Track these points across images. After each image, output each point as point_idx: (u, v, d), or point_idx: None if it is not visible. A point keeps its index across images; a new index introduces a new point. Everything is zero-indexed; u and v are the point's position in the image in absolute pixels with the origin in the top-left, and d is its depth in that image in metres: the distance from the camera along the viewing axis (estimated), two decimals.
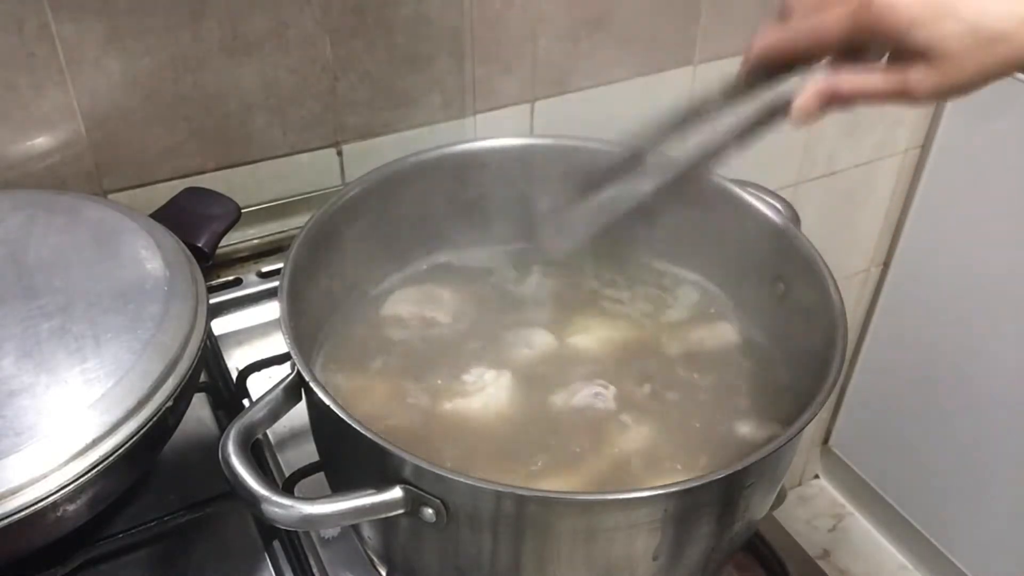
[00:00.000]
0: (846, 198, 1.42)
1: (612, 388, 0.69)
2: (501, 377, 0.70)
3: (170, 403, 0.59)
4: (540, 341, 0.74)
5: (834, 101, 0.54)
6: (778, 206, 0.72)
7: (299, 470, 0.69)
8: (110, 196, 0.84)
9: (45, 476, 0.53)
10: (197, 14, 0.79)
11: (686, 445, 0.66)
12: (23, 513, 0.52)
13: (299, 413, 0.60)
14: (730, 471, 0.51)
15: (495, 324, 0.75)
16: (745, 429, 0.67)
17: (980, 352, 1.44)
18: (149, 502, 0.68)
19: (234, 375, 0.78)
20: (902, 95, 0.52)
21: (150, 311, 0.62)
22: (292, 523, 0.51)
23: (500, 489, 0.51)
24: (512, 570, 0.54)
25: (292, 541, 0.65)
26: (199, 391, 0.75)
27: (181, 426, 0.63)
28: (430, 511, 0.52)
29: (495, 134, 0.80)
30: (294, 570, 0.64)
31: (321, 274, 0.70)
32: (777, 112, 0.57)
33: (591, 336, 0.75)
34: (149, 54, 0.79)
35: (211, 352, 0.80)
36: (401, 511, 0.52)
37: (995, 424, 1.44)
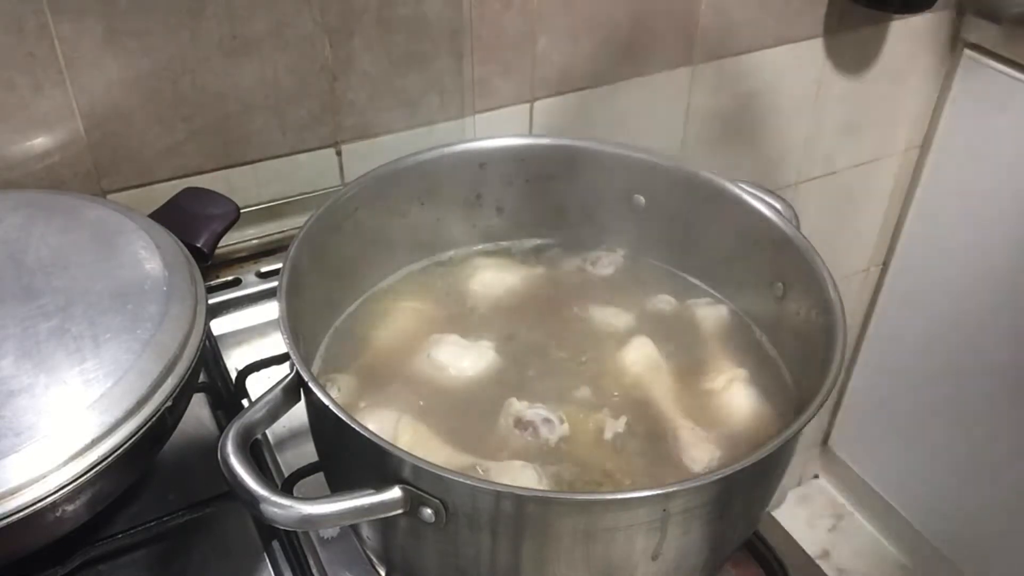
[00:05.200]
0: (846, 198, 1.42)
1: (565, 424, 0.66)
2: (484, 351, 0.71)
3: (169, 403, 0.59)
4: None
5: None
6: (778, 206, 0.72)
7: (299, 470, 0.69)
8: (109, 196, 0.84)
9: (45, 476, 0.53)
10: (196, 14, 0.79)
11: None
12: (23, 513, 0.52)
13: (299, 413, 0.59)
14: (730, 471, 0.51)
15: (494, 324, 0.75)
16: (743, 430, 0.67)
17: (979, 352, 1.44)
18: (149, 502, 0.68)
19: (233, 375, 0.78)
20: None
21: (149, 311, 0.62)
22: (291, 523, 0.51)
23: (499, 489, 0.51)
24: (512, 570, 0.54)
25: (292, 541, 0.66)
26: (198, 391, 0.75)
27: (181, 426, 0.63)
28: (429, 511, 0.52)
29: (495, 134, 0.80)
30: (293, 570, 0.64)
31: (321, 274, 0.70)
32: None
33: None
34: (148, 54, 0.79)
35: (210, 352, 0.80)
36: (400, 511, 0.52)
37: (995, 424, 1.44)
